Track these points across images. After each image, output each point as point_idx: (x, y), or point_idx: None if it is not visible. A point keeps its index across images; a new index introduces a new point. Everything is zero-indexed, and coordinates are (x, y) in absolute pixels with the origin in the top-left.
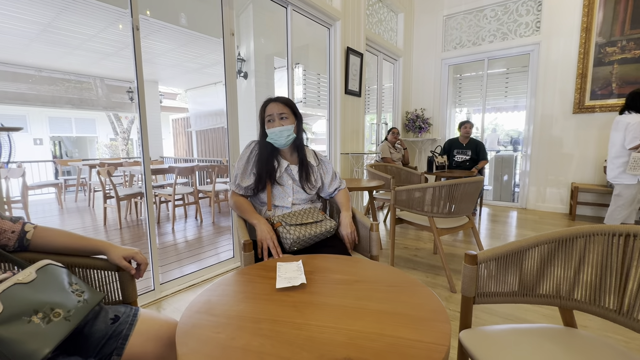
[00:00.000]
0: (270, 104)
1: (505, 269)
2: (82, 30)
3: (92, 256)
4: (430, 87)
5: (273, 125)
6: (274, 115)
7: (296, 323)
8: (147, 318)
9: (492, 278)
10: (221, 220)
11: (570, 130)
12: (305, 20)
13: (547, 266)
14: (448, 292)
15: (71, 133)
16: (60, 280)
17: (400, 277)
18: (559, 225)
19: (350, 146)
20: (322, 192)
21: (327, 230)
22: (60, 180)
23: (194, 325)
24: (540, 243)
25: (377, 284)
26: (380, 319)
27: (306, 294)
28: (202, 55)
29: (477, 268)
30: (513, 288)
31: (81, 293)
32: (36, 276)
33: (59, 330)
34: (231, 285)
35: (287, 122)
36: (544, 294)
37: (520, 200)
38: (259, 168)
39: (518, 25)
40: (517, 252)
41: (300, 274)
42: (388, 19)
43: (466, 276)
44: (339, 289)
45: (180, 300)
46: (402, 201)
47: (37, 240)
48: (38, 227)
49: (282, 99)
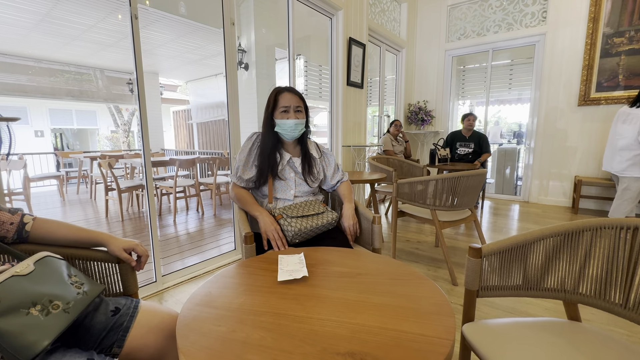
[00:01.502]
0: (286, 93)
1: (509, 263)
2: (80, 20)
3: (92, 248)
4: (433, 79)
5: (288, 116)
6: (291, 107)
7: (298, 316)
8: (147, 310)
9: (496, 271)
10: (222, 212)
11: (575, 123)
12: (307, 10)
13: (552, 260)
14: (450, 284)
15: (72, 125)
16: (59, 272)
17: (403, 270)
18: (562, 219)
19: (352, 138)
20: (325, 184)
21: (329, 222)
22: (61, 172)
23: (194, 317)
24: (546, 236)
25: (379, 277)
26: (383, 312)
27: (308, 286)
28: (202, 46)
29: (481, 261)
30: (517, 281)
31: (80, 285)
32: (34, 268)
33: (58, 322)
34: (232, 278)
35: (301, 116)
36: (548, 288)
37: (522, 194)
38: (261, 160)
39: (524, 15)
40: (522, 245)
41: (302, 266)
42: (391, 9)
43: (470, 269)
44: (341, 282)
45: (182, 292)
46: (404, 194)
47: (36, 232)
48: (37, 219)
49: (297, 91)
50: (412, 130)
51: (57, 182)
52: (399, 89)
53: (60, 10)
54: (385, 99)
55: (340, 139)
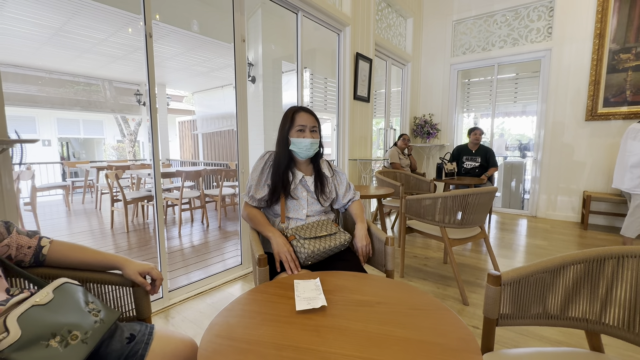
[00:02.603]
0: (303, 113)
1: (529, 290)
2: (92, 34)
3: (107, 271)
4: (438, 93)
5: (304, 136)
6: (307, 127)
7: (320, 351)
8: (162, 336)
9: (516, 299)
10: (227, 224)
11: (582, 138)
12: (313, 24)
13: (575, 288)
14: (460, 304)
15: (79, 134)
16: (77, 299)
17: (423, 299)
18: (572, 235)
19: (359, 152)
20: (336, 203)
21: (342, 244)
22: (67, 182)
23: (214, 351)
24: (567, 264)
25: (399, 306)
26: (407, 348)
27: (327, 316)
28: (210, 59)
29: (500, 289)
30: (537, 310)
31: (98, 312)
32: (53, 296)
33: (76, 354)
34: (249, 305)
35: (316, 136)
36: (570, 317)
37: (530, 208)
38: (275, 178)
39: (529, 31)
40: (542, 272)
41: (320, 294)
42: (397, 24)
43: (489, 297)
44: (361, 311)
45: (188, 309)
46: (413, 210)
47: (53, 256)
48: (54, 242)
49: (313, 112)
50: (418, 143)
51: (63, 191)
52: (404, 102)
53: (73, 25)
54: (390, 111)
55: (347, 153)
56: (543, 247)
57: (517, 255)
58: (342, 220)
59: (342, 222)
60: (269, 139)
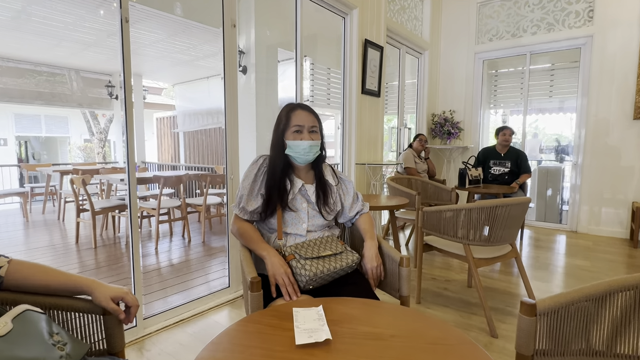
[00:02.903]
0: (300, 111)
1: (570, 322)
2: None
3: (74, 296)
4: (461, 86)
5: (301, 137)
6: (305, 127)
7: None
8: None
9: (554, 332)
10: (212, 239)
11: (631, 139)
12: (315, 6)
13: (625, 319)
14: (487, 336)
15: (40, 132)
16: (39, 329)
17: (445, 332)
18: (619, 254)
19: (367, 155)
20: (342, 216)
21: (349, 265)
22: (26, 188)
23: None
24: (615, 290)
25: (417, 341)
26: None
27: (333, 352)
28: (194, 46)
29: (535, 320)
30: (579, 345)
31: (63, 346)
32: (12, 327)
33: None
34: (240, 338)
35: (317, 137)
36: (619, 354)
37: (569, 222)
38: (270, 187)
39: (567, 15)
40: (585, 300)
41: (323, 324)
42: (412, 6)
43: (522, 330)
44: (372, 346)
45: (166, 340)
46: (431, 224)
47: (11, 277)
48: (12, 261)
49: (311, 109)
50: (437, 144)
51: (20, 199)
52: (421, 97)
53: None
54: (404, 107)
55: (353, 156)
56: (585, 268)
57: (555, 278)
58: (349, 236)
59: (349, 238)
60: (262, 139)
